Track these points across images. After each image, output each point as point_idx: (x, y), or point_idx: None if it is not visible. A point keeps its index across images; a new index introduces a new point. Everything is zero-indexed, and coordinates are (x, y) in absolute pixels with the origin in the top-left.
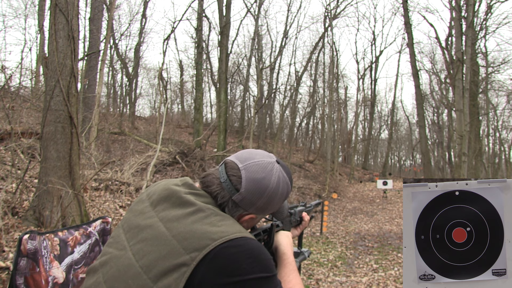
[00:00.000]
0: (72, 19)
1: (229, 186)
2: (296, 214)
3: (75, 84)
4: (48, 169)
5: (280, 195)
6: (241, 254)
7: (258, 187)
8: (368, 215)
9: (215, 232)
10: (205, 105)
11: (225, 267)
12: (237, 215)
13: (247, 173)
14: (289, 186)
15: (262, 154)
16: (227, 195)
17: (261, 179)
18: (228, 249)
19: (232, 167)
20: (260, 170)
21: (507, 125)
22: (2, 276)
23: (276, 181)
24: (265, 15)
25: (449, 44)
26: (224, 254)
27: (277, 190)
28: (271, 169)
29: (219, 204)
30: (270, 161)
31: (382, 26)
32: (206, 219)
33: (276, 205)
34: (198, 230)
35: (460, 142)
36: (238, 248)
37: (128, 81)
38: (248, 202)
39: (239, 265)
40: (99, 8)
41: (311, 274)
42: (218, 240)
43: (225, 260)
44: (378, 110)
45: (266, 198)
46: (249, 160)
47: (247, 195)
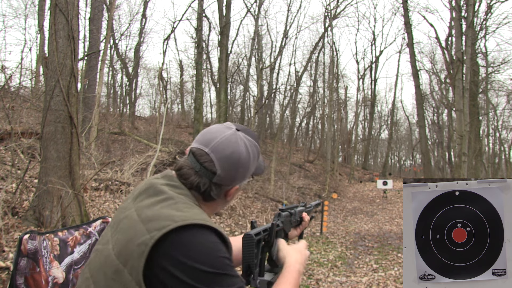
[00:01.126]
0: (72, 19)
1: (205, 173)
2: (296, 214)
3: (75, 84)
4: (48, 169)
5: (253, 158)
6: (196, 241)
7: (231, 162)
8: (368, 215)
9: (179, 215)
10: (205, 105)
11: (180, 247)
12: (223, 192)
13: (216, 154)
14: (257, 146)
15: (221, 130)
16: (207, 181)
17: (231, 154)
18: (187, 232)
19: (200, 154)
20: (227, 146)
21: (507, 125)
22: (2, 276)
23: (244, 148)
24: (265, 15)
25: (449, 44)
26: (182, 235)
27: (248, 156)
28: (235, 140)
29: (202, 192)
30: (231, 132)
31: (382, 26)
32: (174, 205)
33: (253, 167)
34: (163, 213)
35: (460, 142)
36: (195, 235)
37: (128, 81)
38: (228, 179)
39: (191, 251)
40: (99, 8)
41: (311, 274)
42: (179, 222)
43: (181, 240)
44: (378, 110)
45: (242, 167)
46: (213, 141)
47: (225, 173)
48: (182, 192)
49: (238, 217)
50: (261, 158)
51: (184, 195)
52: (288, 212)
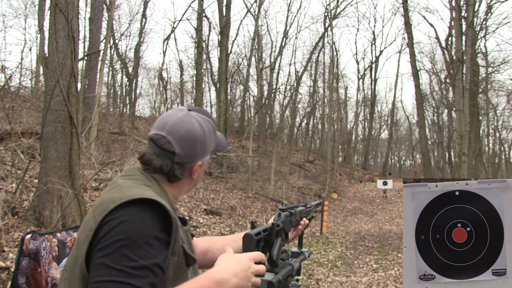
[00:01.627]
0: (72, 19)
1: (165, 154)
2: (297, 214)
3: (75, 84)
4: (48, 169)
5: (208, 133)
6: (127, 219)
7: (188, 140)
8: (368, 215)
9: (118, 196)
10: (205, 105)
11: (111, 226)
12: (187, 171)
13: (173, 135)
14: (211, 122)
15: (173, 113)
16: (169, 162)
17: (187, 132)
18: (123, 209)
19: (158, 139)
20: (181, 126)
21: (507, 125)
22: (2, 276)
23: (198, 125)
24: (265, 15)
25: (449, 44)
26: (117, 215)
27: (203, 131)
28: (188, 119)
29: (167, 173)
30: (183, 113)
31: (382, 26)
32: (116, 189)
33: (211, 142)
34: (106, 198)
35: (460, 142)
36: (130, 212)
37: (128, 81)
38: (189, 156)
39: (117, 228)
40: (99, 8)
41: (311, 274)
42: (117, 202)
43: (115, 220)
44: (378, 110)
45: (200, 143)
46: (167, 124)
47: (184, 151)
48: (132, 177)
49: (238, 217)
50: (220, 134)
51: (132, 179)
52: (288, 212)
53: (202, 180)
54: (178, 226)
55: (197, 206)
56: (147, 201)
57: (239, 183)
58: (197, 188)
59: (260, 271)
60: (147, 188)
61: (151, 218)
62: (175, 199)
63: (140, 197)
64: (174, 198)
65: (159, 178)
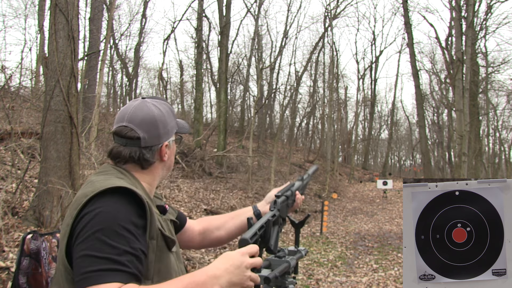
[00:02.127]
0: (72, 19)
1: (131, 142)
2: (293, 194)
3: (75, 84)
4: (48, 169)
5: (167, 114)
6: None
7: (148, 122)
8: (368, 215)
9: (91, 190)
10: (205, 105)
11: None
12: (156, 153)
13: (133, 122)
14: (167, 104)
15: (129, 104)
16: (136, 148)
17: (145, 115)
18: (97, 201)
19: (121, 130)
20: (139, 112)
21: (507, 125)
22: (2, 276)
23: (154, 108)
24: (265, 15)
25: (449, 44)
26: (91, 206)
27: (161, 112)
28: (144, 105)
29: (138, 160)
30: (138, 101)
31: (382, 26)
32: (89, 184)
33: (172, 121)
34: (80, 194)
35: (460, 142)
36: (103, 202)
37: (128, 81)
38: (153, 137)
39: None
40: (99, 8)
41: (311, 274)
42: (90, 195)
43: (89, 212)
44: (378, 110)
45: (161, 122)
46: (126, 114)
47: (147, 133)
48: (104, 172)
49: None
50: (180, 120)
51: (104, 174)
52: (284, 196)
53: (202, 180)
54: (152, 210)
55: (197, 206)
56: (119, 189)
57: (239, 183)
58: (197, 188)
59: (256, 264)
60: (119, 179)
61: (124, 205)
62: (151, 187)
63: (111, 186)
64: (149, 185)
65: (132, 167)
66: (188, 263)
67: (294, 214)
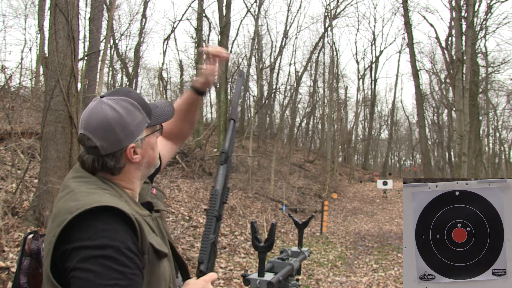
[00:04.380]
0: (72, 19)
1: (91, 151)
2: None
3: (75, 84)
4: (48, 169)
5: (127, 112)
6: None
7: (104, 129)
8: (368, 215)
9: (74, 205)
10: (205, 105)
11: (73, 234)
12: (122, 158)
13: (88, 130)
14: (127, 99)
15: (88, 107)
16: (98, 157)
17: (99, 121)
18: (83, 219)
19: (81, 139)
20: (93, 117)
21: (507, 125)
22: (2, 276)
23: (109, 110)
24: (265, 15)
25: (449, 44)
26: (76, 225)
27: (118, 113)
28: (98, 107)
29: (103, 167)
30: (94, 103)
31: (382, 26)
32: (73, 196)
33: (135, 120)
34: (63, 207)
35: (460, 142)
36: (90, 220)
37: (128, 81)
38: (112, 143)
39: (82, 234)
40: (99, 8)
41: (311, 274)
42: (74, 212)
43: (74, 229)
44: (378, 110)
45: (118, 125)
46: (83, 120)
47: (105, 142)
48: (85, 180)
49: (238, 217)
50: (160, 103)
51: (85, 182)
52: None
53: (202, 180)
54: (142, 226)
55: (197, 206)
56: (106, 208)
57: (239, 183)
58: (197, 188)
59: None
60: (103, 191)
61: (117, 226)
62: (133, 191)
63: (98, 205)
64: (131, 190)
65: (105, 174)
66: (188, 263)
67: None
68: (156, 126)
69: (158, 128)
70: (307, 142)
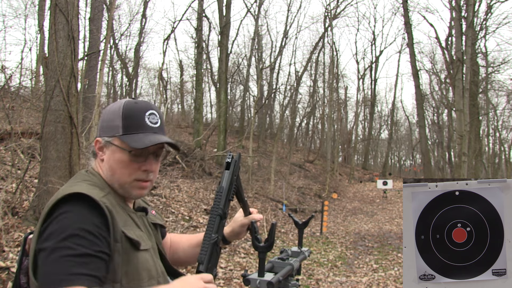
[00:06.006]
0: (72, 19)
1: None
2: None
3: (75, 84)
4: (48, 169)
5: (113, 111)
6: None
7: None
8: (368, 215)
9: (53, 199)
10: (205, 105)
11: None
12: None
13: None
14: (122, 105)
15: None
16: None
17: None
18: (58, 207)
19: None
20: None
21: (507, 125)
22: (2, 276)
23: (114, 103)
24: (265, 15)
25: (449, 44)
26: (53, 213)
27: (112, 108)
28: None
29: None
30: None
31: (382, 26)
32: (59, 190)
33: (113, 122)
34: (46, 205)
35: (460, 142)
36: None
37: (128, 81)
38: (99, 128)
39: (51, 224)
40: (99, 8)
41: (311, 274)
42: (50, 204)
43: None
44: (378, 110)
45: (105, 114)
46: None
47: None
48: (73, 177)
49: None
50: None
51: (73, 179)
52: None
53: (202, 180)
54: (113, 213)
55: (197, 206)
56: (77, 195)
57: None
58: (197, 188)
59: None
60: (83, 182)
61: (82, 210)
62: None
63: (68, 193)
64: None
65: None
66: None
67: (295, 214)
68: (126, 144)
69: (126, 148)
70: (307, 142)
